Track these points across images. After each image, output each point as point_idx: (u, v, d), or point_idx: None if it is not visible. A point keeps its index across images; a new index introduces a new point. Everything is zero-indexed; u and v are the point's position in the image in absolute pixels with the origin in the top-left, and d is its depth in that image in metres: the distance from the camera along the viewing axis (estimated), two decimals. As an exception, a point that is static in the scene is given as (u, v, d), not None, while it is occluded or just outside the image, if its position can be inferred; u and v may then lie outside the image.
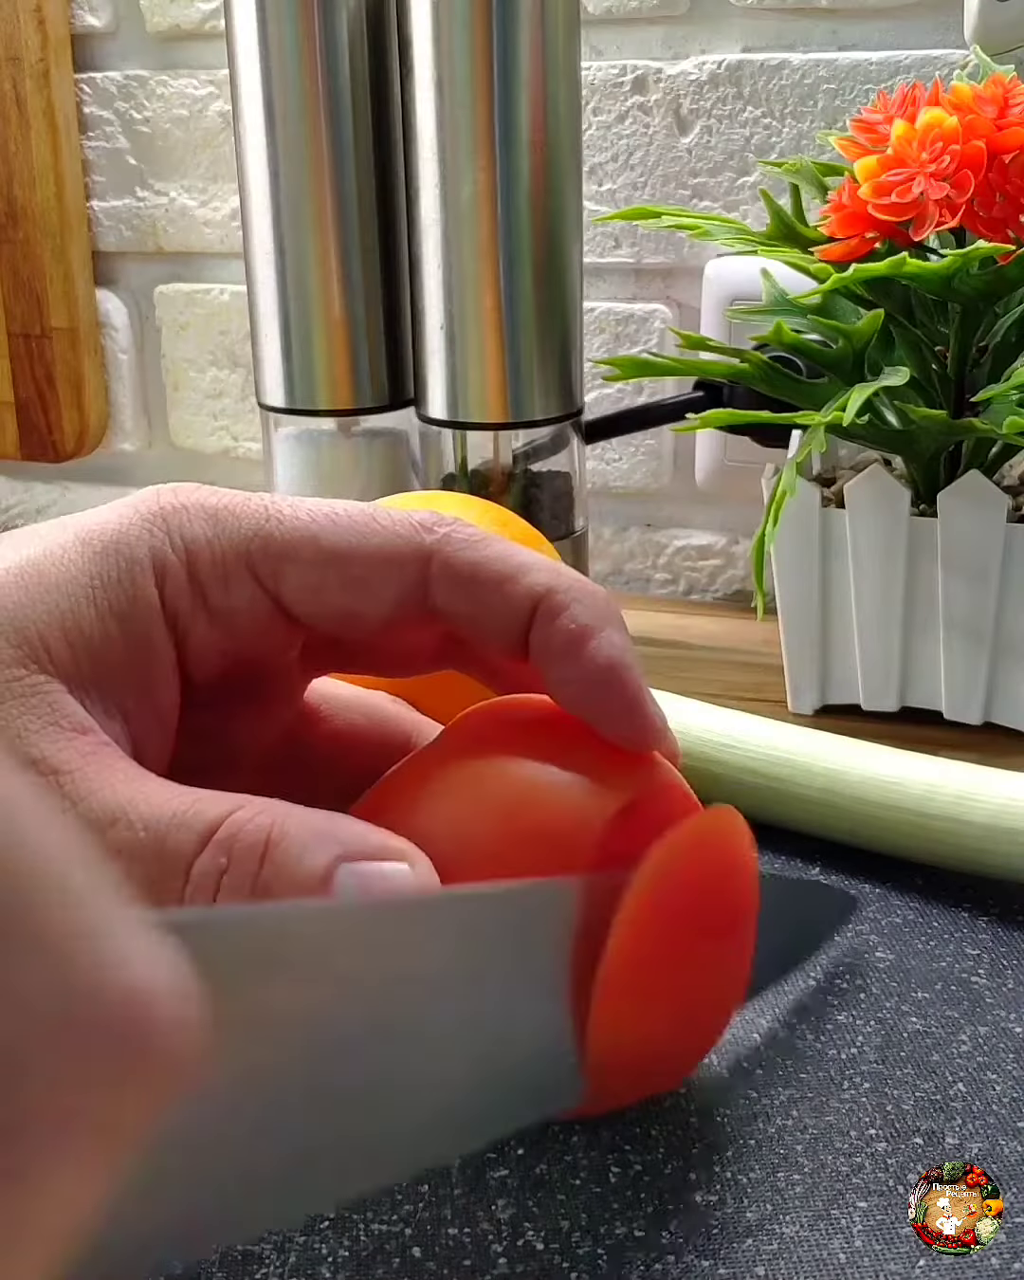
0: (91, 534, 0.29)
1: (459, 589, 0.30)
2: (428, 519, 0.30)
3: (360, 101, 0.58)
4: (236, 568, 0.30)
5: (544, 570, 0.30)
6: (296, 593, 0.30)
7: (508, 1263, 0.29)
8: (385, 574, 0.30)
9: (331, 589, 0.30)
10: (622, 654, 0.30)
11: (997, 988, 0.38)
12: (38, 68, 0.75)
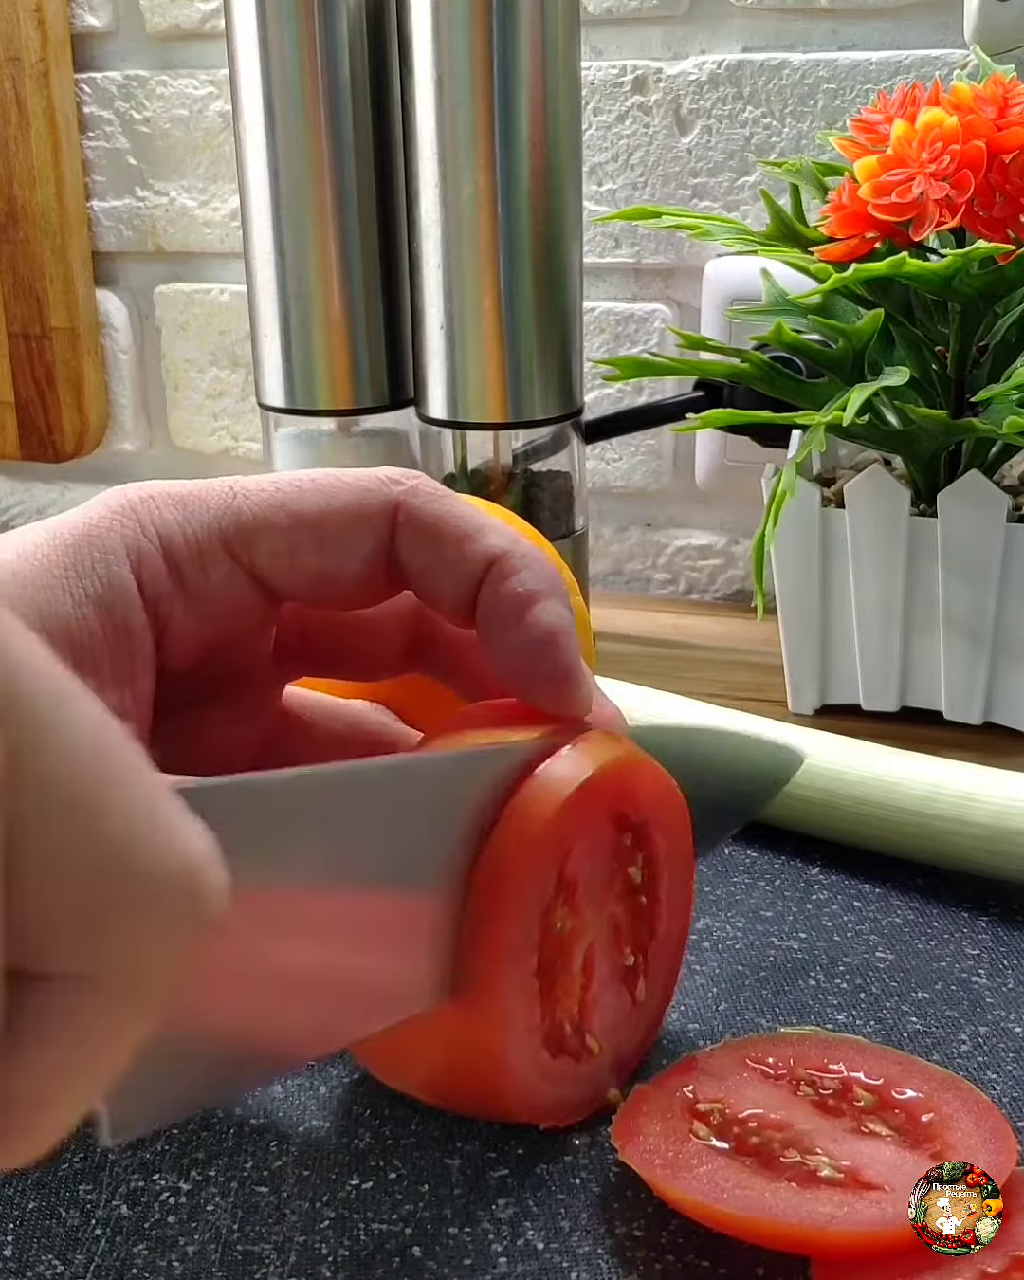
0: (63, 529, 0.30)
1: (421, 540, 0.30)
2: (394, 472, 0.31)
3: (360, 101, 0.58)
4: (211, 547, 0.30)
5: (501, 534, 0.31)
6: (271, 560, 0.30)
7: (508, 1262, 0.29)
8: (356, 528, 0.30)
9: (305, 552, 0.30)
10: (560, 622, 0.30)
11: (997, 988, 0.38)
12: (38, 68, 0.75)
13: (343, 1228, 0.30)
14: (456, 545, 0.30)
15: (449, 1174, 0.31)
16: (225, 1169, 0.32)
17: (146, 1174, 0.31)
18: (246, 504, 0.30)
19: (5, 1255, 0.29)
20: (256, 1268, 0.29)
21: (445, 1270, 0.29)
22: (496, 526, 0.31)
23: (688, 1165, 0.29)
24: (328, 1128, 0.33)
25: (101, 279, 0.81)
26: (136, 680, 0.30)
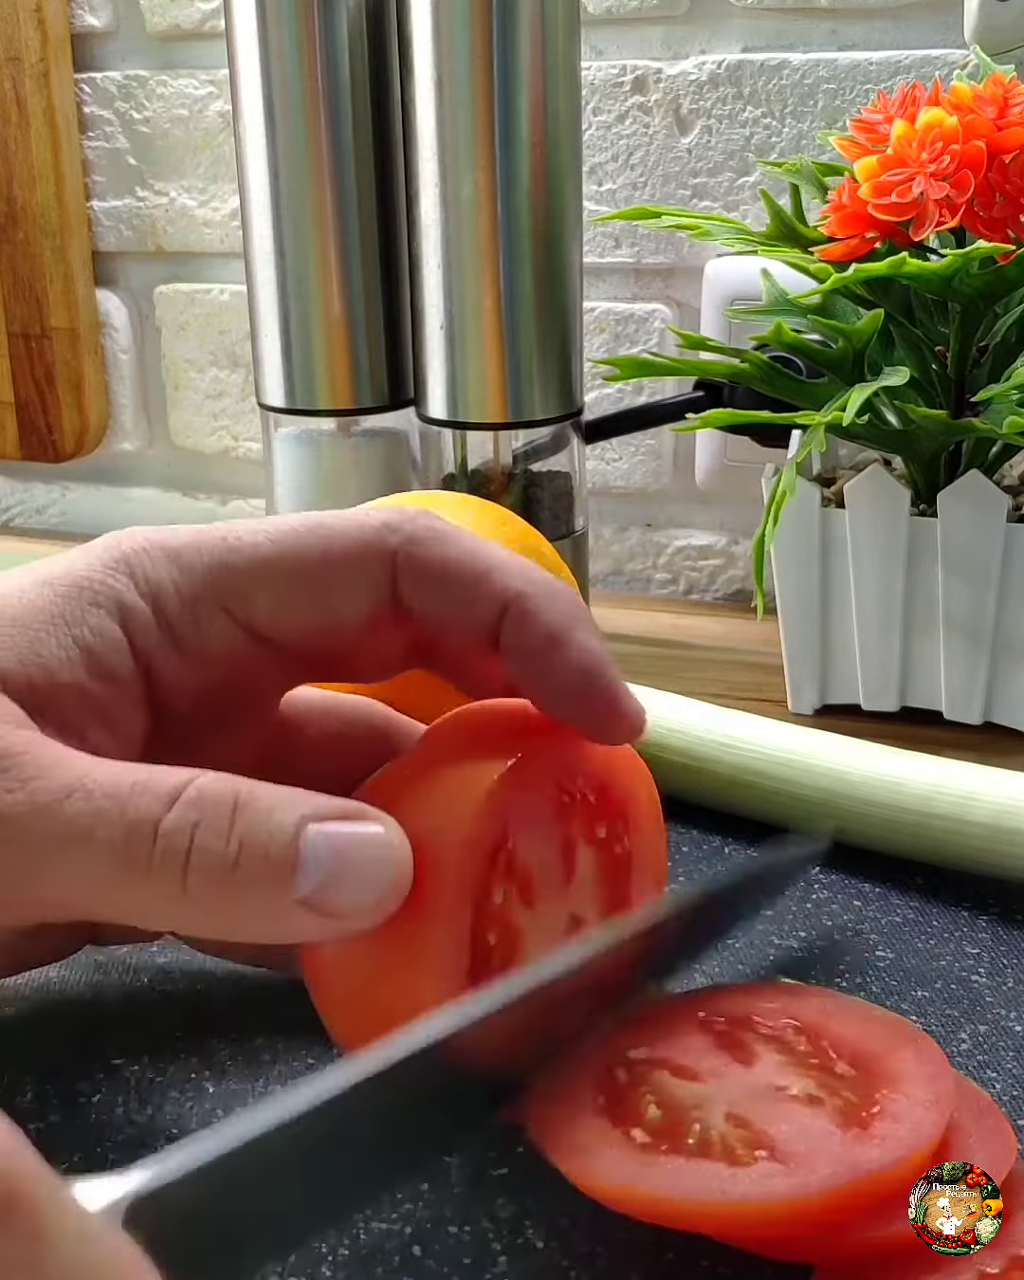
0: (54, 577, 0.29)
1: (427, 587, 0.30)
2: (391, 518, 0.30)
3: (360, 101, 0.58)
4: (205, 604, 0.30)
5: (512, 571, 0.30)
6: (268, 616, 0.30)
7: (508, 1261, 0.29)
8: (353, 582, 0.30)
9: (302, 607, 0.30)
10: (596, 657, 0.30)
11: (996, 986, 0.38)
12: (38, 68, 0.75)
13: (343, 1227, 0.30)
14: (466, 589, 0.30)
15: (449, 1172, 0.31)
16: (225, 1168, 0.32)
17: (147, 1173, 0.31)
18: (240, 559, 0.30)
19: (5, 1254, 0.29)
20: (257, 1267, 0.29)
21: (445, 1269, 0.29)
22: (506, 562, 0.30)
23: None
24: (328, 1127, 0.33)
25: (101, 279, 0.81)
26: (121, 722, 0.30)
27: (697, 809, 0.47)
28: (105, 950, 0.40)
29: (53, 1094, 0.34)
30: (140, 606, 0.29)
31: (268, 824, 0.26)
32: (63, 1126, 0.33)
